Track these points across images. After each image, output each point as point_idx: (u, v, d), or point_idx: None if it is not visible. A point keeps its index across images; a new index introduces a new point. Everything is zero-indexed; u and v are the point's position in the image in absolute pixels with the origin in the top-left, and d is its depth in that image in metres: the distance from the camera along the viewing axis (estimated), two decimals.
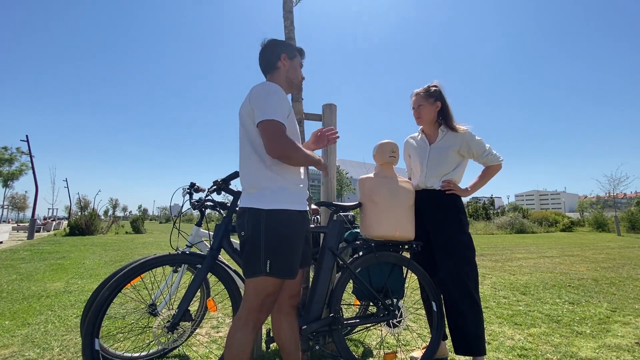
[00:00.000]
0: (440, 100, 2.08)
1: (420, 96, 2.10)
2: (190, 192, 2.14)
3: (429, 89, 2.10)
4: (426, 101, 2.08)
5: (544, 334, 2.58)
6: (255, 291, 1.37)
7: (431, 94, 2.08)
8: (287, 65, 1.58)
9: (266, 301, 1.38)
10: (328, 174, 2.16)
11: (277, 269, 1.35)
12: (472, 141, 2.04)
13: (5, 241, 11.39)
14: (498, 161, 2.07)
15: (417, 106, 2.12)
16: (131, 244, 10.31)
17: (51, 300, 3.51)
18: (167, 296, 2.01)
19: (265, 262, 1.34)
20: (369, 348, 2.33)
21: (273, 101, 1.36)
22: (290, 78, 1.59)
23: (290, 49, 1.60)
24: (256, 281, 1.36)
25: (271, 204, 1.37)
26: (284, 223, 1.38)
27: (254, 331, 1.38)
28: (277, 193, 1.39)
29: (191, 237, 2.08)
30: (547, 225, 21.39)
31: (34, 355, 2.15)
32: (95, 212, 16.52)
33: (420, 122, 2.15)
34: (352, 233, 2.14)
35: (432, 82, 2.13)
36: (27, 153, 18.96)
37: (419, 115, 2.11)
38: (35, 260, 6.51)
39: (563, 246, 10.09)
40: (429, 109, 2.08)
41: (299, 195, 1.47)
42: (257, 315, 1.38)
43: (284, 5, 2.35)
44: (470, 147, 2.05)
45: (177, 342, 2.02)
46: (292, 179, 1.46)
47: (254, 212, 1.37)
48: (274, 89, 1.41)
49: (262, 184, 1.40)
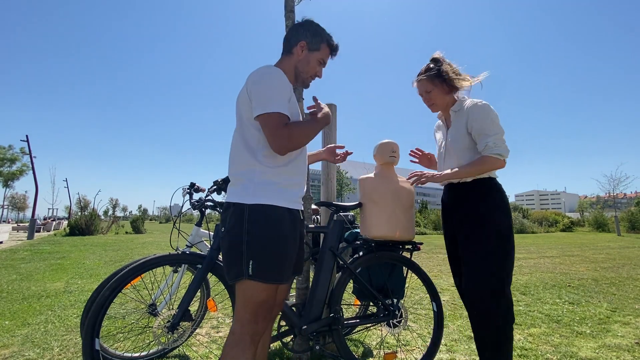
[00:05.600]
0: (447, 80, 1.70)
1: (426, 81, 1.72)
2: (190, 192, 2.15)
3: (431, 67, 1.72)
4: (433, 84, 1.71)
5: (544, 334, 2.58)
6: (244, 299, 1.20)
7: (437, 75, 1.69)
8: (302, 56, 1.37)
9: (259, 311, 1.21)
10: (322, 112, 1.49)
11: (262, 271, 1.18)
12: (473, 112, 1.59)
13: (5, 241, 11.39)
14: (498, 155, 1.51)
15: (424, 93, 1.75)
16: (131, 244, 10.31)
17: (51, 300, 3.51)
18: (167, 296, 2.01)
19: (248, 264, 1.17)
20: (369, 348, 2.33)
21: (271, 88, 1.22)
22: (299, 70, 1.38)
23: (315, 40, 1.37)
24: (244, 288, 1.20)
25: (256, 199, 1.21)
26: (271, 220, 1.21)
27: (253, 346, 1.19)
28: (264, 187, 1.23)
29: (191, 237, 2.08)
30: (547, 225, 21.41)
31: (34, 355, 2.15)
32: (95, 212, 16.53)
33: (436, 109, 1.79)
34: (352, 233, 2.14)
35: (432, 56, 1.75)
36: (28, 153, 18.97)
37: (431, 102, 1.75)
38: (35, 260, 6.51)
39: (563, 246, 10.09)
40: (440, 92, 1.71)
41: (291, 192, 1.30)
42: (253, 327, 1.20)
43: (286, 4, 2.35)
44: (472, 122, 1.59)
45: (177, 342, 2.02)
46: (284, 174, 1.29)
47: (237, 207, 1.22)
48: (272, 74, 1.25)
49: (248, 176, 1.25)
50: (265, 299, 1.21)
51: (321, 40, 1.38)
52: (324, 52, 1.40)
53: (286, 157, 1.29)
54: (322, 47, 1.38)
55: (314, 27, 1.39)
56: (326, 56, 1.41)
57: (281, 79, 1.25)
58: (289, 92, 1.27)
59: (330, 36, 1.41)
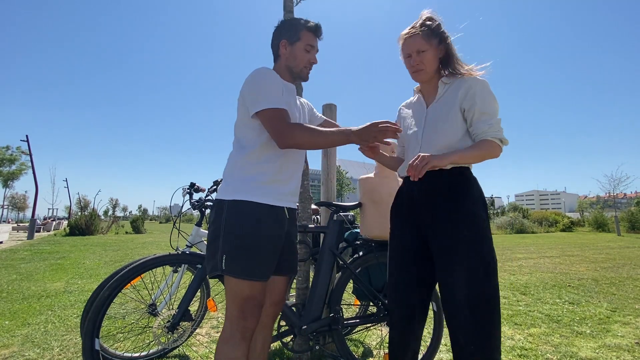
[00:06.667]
0: (444, 42, 1.37)
1: (420, 37, 1.34)
2: (190, 192, 2.15)
3: (428, 24, 1.35)
4: (429, 44, 1.35)
5: (544, 334, 2.58)
6: (231, 296, 1.22)
7: (435, 33, 1.35)
8: (287, 53, 1.38)
9: (246, 306, 1.20)
10: (392, 141, 1.61)
11: (234, 267, 1.18)
12: (475, 86, 1.31)
13: (5, 241, 11.39)
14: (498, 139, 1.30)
15: (414, 53, 1.36)
16: (131, 244, 10.31)
17: (51, 300, 3.51)
18: (167, 296, 2.01)
19: (222, 258, 1.19)
20: (369, 348, 2.33)
21: (263, 87, 1.24)
22: (290, 67, 1.39)
23: (292, 32, 1.37)
24: (229, 284, 1.22)
25: (235, 194, 1.23)
26: (248, 216, 1.21)
27: (244, 342, 1.20)
28: (245, 183, 1.25)
29: (191, 237, 2.08)
30: (547, 225, 21.39)
31: (34, 355, 2.15)
32: (95, 212, 16.52)
33: (423, 76, 1.40)
34: (352, 233, 2.14)
35: (424, 14, 1.38)
36: (28, 153, 18.97)
37: (421, 65, 1.37)
38: (35, 260, 6.51)
39: (563, 246, 10.08)
40: (433, 54, 1.36)
41: (275, 189, 1.28)
42: (242, 323, 1.20)
43: (285, 5, 2.35)
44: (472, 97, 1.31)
45: (177, 342, 2.02)
46: (269, 170, 1.28)
47: (218, 204, 1.27)
48: (262, 74, 1.27)
49: (231, 173, 1.29)
50: (250, 295, 1.21)
51: (299, 30, 1.37)
52: (306, 38, 1.37)
53: (272, 153, 1.30)
54: (301, 35, 1.36)
55: (289, 22, 1.41)
56: (310, 40, 1.38)
57: (271, 77, 1.27)
58: (281, 89, 1.29)
59: (307, 21, 1.40)
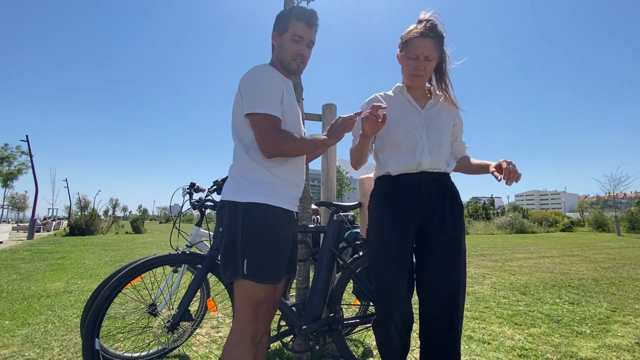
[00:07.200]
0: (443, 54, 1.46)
1: (432, 44, 1.38)
2: (190, 192, 2.15)
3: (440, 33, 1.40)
4: (436, 53, 1.41)
5: (544, 334, 2.58)
6: (244, 300, 1.18)
7: (442, 43, 1.42)
8: (277, 44, 1.34)
9: (259, 310, 1.19)
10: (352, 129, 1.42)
11: (256, 270, 1.17)
12: (457, 113, 1.57)
13: (5, 241, 11.39)
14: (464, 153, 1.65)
15: (423, 57, 1.39)
16: (131, 244, 10.31)
17: (51, 300, 3.51)
18: (167, 296, 2.01)
19: (243, 263, 1.16)
20: (369, 348, 2.33)
21: (262, 87, 1.21)
22: (280, 59, 1.33)
23: (281, 24, 1.32)
24: (242, 288, 1.18)
25: (250, 197, 1.21)
26: (264, 219, 1.20)
27: (254, 346, 1.17)
28: (259, 185, 1.22)
29: (191, 237, 2.08)
30: (547, 225, 21.40)
31: (34, 355, 2.15)
32: (95, 212, 16.52)
33: (420, 82, 1.47)
34: (352, 233, 2.13)
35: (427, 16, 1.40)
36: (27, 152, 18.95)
37: (423, 72, 1.42)
38: (35, 260, 6.51)
39: (563, 246, 10.09)
40: (434, 64, 1.45)
41: (286, 193, 1.29)
42: (254, 327, 1.18)
43: (285, 5, 2.35)
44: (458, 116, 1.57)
45: (177, 342, 2.02)
46: (279, 174, 1.27)
47: (231, 206, 1.22)
48: (262, 72, 1.24)
49: (242, 174, 1.25)
50: (265, 299, 1.20)
51: (287, 20, 1.31)
52: (294, 28, 1.29)
53: (281, 157, 1.27)
54: (290, 25, 1.30)
55: (279, 15, 1.35)
56: (299, 30, 1.29)
57: (271, 77, 1.24)
58: (281, 91, 1.25)
59: (296, 9, 1.32)
